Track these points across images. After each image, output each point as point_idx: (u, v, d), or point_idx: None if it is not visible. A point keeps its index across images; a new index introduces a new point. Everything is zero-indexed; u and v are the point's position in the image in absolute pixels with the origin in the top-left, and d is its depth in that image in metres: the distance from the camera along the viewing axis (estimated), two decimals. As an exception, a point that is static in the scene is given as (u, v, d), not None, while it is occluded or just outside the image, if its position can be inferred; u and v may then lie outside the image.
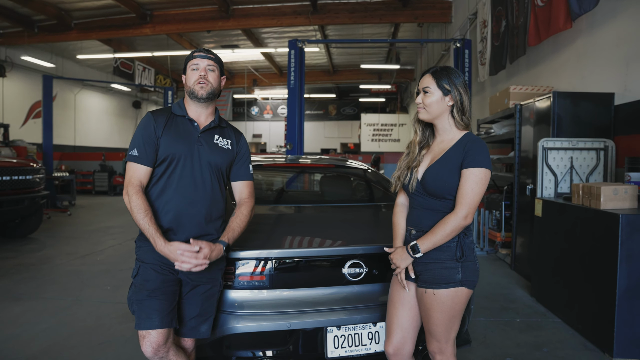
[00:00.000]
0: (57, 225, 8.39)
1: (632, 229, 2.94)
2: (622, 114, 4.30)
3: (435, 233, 1.80)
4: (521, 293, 4.44)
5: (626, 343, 2.98)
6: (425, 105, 1.87)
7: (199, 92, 1.98)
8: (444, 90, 1.85)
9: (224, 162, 2.06)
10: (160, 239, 1.83)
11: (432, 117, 1.89)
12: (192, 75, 2.00)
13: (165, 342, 1.85)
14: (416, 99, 1.92)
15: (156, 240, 1.83)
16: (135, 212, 1.86)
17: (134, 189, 1.90)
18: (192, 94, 1.99)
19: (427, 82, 1.87)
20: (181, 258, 1.79)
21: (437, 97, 1.86)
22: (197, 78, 1.98)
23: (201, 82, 1.97)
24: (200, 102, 2.00)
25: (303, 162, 4.12)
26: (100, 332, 3.35)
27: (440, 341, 1.89)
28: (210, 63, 2.01)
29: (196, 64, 2.00)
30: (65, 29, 12.34)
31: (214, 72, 2.02)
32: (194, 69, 2.00)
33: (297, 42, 8.69)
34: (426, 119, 1.91)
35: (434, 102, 1.86)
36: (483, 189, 1.78)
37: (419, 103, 1.89)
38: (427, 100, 1.86)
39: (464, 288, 1.83)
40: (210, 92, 2.00)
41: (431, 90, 1.86)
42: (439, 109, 1.86)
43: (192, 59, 2.02)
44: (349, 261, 2.18)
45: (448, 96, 1.85)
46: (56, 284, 4.57)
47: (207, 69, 2.00)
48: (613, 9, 4.43)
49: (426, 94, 1.87)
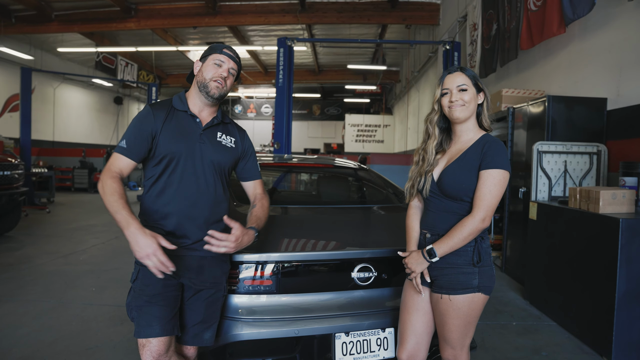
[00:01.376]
0: (35, 223, 8.11)
1: (632, 233, 2.94)
2: (614, 119, 4.34)
3: (452, 236, 1.74)
4: (514, 295, 4.44)
5: (624, 347, 2.98)
6: (466, 102, 1.80)
7: (212, 90, 1.86)
8: (477, 87, 1.81)
9: (227, 161, 1.95)
10: (135, 220, 1.62)
11: (470, 115, 1.83)
12: (211, 69, 1.87)
13: (166, 351, 1.74)
14: (446, 100, 1.83)
15: (130, 222, 1.60)
16: (107, 194, 1.66)
17: (110, 173, 1.74)
18: (205, 88, 1.87)
19: (462, 79, 1.82)
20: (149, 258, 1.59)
21: (473, 94, 1.82)
22: (216, 76, 1.86)
23: (219, 81, 1.87)
24: (208, 100, 1.89)
25: (305, 162, 4.03)
26: (87, 337, 3.20)
27: (455, 348, 1.83)
28: (234, 67, 1.92)
29: (222, 61, 1.89)
30: (45, 20, 11.97)
31: (233, 77, 1.94)
32: (216, 64, 1.88)
33: (287, 41, 8.57)
34: (464, 117, 1.82)
35: (472, 99, 1.81)
36: (501, 191, 1.73)
37: (456, 101, 1.80)
38: (467, 96, 1.80)
39: (480, 294, 1.77)
40: (222, 94, 1.90)
41: (468, 87, 1.81)
42: (474, 107, 1.83)
43: (218, 53, 1.89)
44: (358, 265, 2.11)
45: (481, 93, 1.82)
46: (38, 285, 4.38)
47: (229, 71, 1.90)
48: (606, 15, 4.47)
49: (465, 91, 1.81)
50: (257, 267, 2.03)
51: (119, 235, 7.10)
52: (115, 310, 3.75)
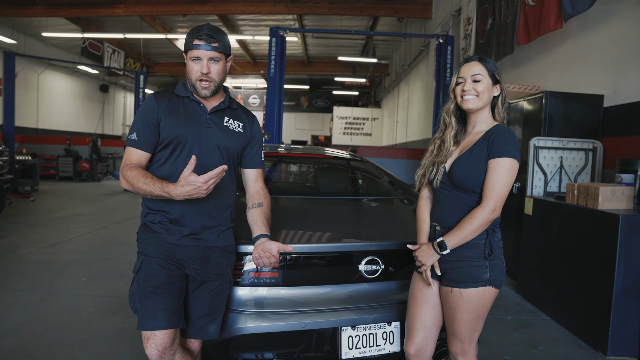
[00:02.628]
0: (19, 212, 7.90)
1: (631, 230, 2.96)
2: (610, 116, 4.36)
3: (463, 228, 1.71)
4: (507, 290, 4.46)
5: (620, 342, 3.01)
6: (479, 93, 1.76)
7: (201, 92, 1.77)
8: (494, 78, 1.76)
9: (235, 146, 1.87)
10: (170, 184, 1.59)
11: (481, 106, 1.78)
12: (192, 67, 1.74)
13: (171, 344, 1.68)
14: (463, 88, 1.78)
15: (168, 189, 1.58)
16: (134, 181, 1.64)
17: (128, 166, 1.70)
18: (195, 90, 1.78)
19: (478, 69, 1.77)
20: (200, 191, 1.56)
21: (488, 85, 1.77)
22: (198, 75, 1.73)
23: (203, 82, 1.74)
24: (204, 97, 1.81)
25: (310, 152, 3.96)
26: (79, 328, 3.12)
27: (464, 342, 1.81)
28: (214, 55, 1.73)
29: (197, 57, 1.72)
30: (29, 3, 11.62)
31: (218, 62, 1.76)
32: (193, 59, 1.73)
33: (279, 31, 8.46)
34: (473, 108, 1.78)
35: (486, 90, 1.76)
36: (511, 180, 1.69)
37: (468, 90, 1.76)
38: (480, 87, 1.76)
39: (491, 287, 1.75)
40: (215, 89, 1.79)
41: (483, 78, 1.76)
42: (489, 98, 1.78)
43: (192, 50, 1.72)
44: (365, 258, 2.07)
45: (497, 85, 1.78)
46: (25, 275, 4.26)
47: (210, 62, 1.74)
48: (606, 11, 4.47)
49: (478, 82, 1.76)
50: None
51: (107, 225, 6.97)
52: (106, 301, 3.67)
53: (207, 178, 1.53)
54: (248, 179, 1.98)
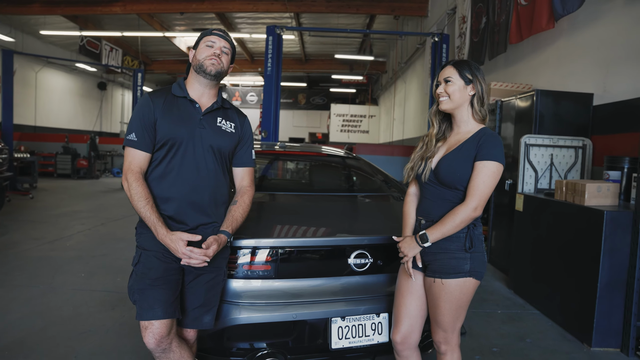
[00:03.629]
0: (19, 209, 7.98)
1: (615, 225, 3.05)
2: (600, 114, 4.45)
3: (445, 223, 1.80)
4: (499, 285, 4.55)
5: (604, 333, 3.11)
6: (449, 94, 1.86)
7: (208, 68, 1.88)
8: (466, 79, 1.85)
9: (227, 145, 1.97)
10: (162, 227, 1.75)
11: (454, 107, 1.88)
12: (204, 51, 1.90)
13: (168, 334, 1.76)
14: (436, 91, 1.91)
15: (158, 229, 1.75)
16: (135, 199, 1.77)
17: (134, 175, 1.80)
18: (201, 68, 1.89)
19: (449, 72, 1.87)
20: (188, 254, 1.73)
21: (460, 86, 1.86)
22: (210, 54, 1.89)
23: (213, 59, 1.89)
24: (207, 78, 1.91)
25: (304, 150, 4.05)
26: (79, 322, 3.20)
27: (447, 331, 1.90)
28: (227, 45, 1.95)
29: (212, 42, 1.92)
30: (26, 1, 11.65)
31: (227, 55, 1.96)
32: (208, 45, 1.91)
33: (276, 29, 8.52)
34: (447, 109, 1.89)
35: (456, 91, 1.85)
36: (495, 182, 1.79)
37: (441, 93, 1.88)
38: (450, 88, 1.86)
39: (471, 278, 1.84)
40: (220, 71, 1.91)
41: (453, 80, 1.86)
42: (461, 98, 1.86)
43: (209, 36, 1.93)
44: (355, 251, 2.16)
45: (470, 85, 1.86)
46: (25, 271, 4.34)
47: (222, 49, 1.93)
48: (595, 11, 4.55)
49: (448, 83, 1.87)
50: (256, 253, 2.06)
51: (105, 222, 7.05)
52: (105, 295, 3.75)
53: (188, 254, 1.73)
54: (235, 176, 2.07)
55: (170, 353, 1.79)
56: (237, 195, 2.02)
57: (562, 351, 3.11)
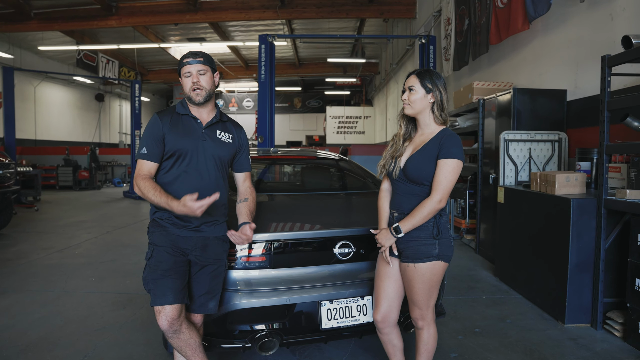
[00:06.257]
0: (25, 221, 8.26)
1: (581, 211, 3.34)
2: (573, 109, 4.75)
3: (414, 215, 2.08)
4: (485, 274, 4.84)
5: (576, 311, 3.39)
6: (410, 102, 2.14)
7: (195, 98, 2.17)
8: (426, 88, 2.13)
9: (226, 154, 2.28)
10: (174, 201, 1.99)
11: (415, 112, 2.16)
12: (186, 83, 2.16)
13: (178, 317, 2.05)
14: (402, 97, 2.19)
15: (171, 204, 1.98)
16: (146, 191, 2.05)
17: (142, 177, 2.11)
18: (190, 100, 2.20)
19: (412, 82, 2.15)
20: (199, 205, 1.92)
21: (421, 95, 2.13)
22: (191, 85, 2.15)
23: (196, 89, 2.16)
24: (198, 105, 2.21)
25: (291, 154, 4.36)
26: (94, 320, 3.48)
27: (422, 308, 2.18)
28: (201, 68, 2.15)
29: (189, 72, 2.15)
30: (24, 19, 11.92)
31: (206, 74, 2.18)
32: (187, 76, 2.16)
33: (268, 37, 8.81)
34: (410, 114, 2.18)
35: (417, 99, 2.13)
36: (455, 177, 2.08)
37: (405, 100, 2.16)
38: (412, 97, 2.14)
39: (440, 261, 2.13)
40: (206, 96, 2.19)
41: (415, 89, 2.14)
42: (421, 105, 2.14)
43: (183, 67, 2.16)
44: (339, 242, 2.44)
45: (430, 94, 2.13)
46: (39, 277, 4.62)
47: (198, 74, 2.16)
48: (564, 13, 4.86)
49: (411, 91, 2.15)
50: (252, 246, 2.35)
51: (110, 230, 7.33)
52: (116, 296, 4.03)
53: (200, 205, 1.92)
54: (237, 180, 2.41)
55: (180, 334, 2.08)
56: (244, 194, 2.36)
57: (538, 329, 3.38)
